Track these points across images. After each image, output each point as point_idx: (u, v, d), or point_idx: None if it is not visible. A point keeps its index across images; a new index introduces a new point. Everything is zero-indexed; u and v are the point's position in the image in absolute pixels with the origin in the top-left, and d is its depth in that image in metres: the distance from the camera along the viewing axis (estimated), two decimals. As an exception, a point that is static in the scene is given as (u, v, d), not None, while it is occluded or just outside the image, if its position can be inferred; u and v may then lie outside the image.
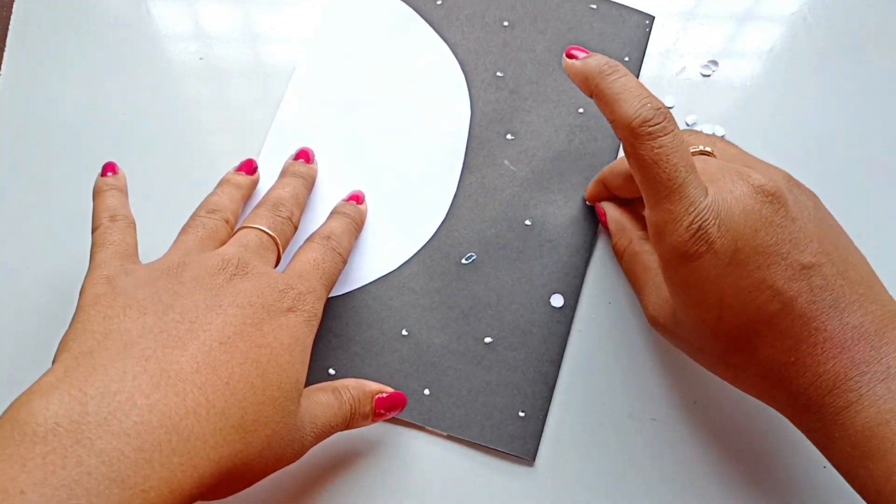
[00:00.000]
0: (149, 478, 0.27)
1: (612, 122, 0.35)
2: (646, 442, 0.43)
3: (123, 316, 0.32)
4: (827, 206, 0.38)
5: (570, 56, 0.37)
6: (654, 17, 0.52)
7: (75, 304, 0.35)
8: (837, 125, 0.50)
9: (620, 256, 0.45)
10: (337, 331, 0.44)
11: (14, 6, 0.51)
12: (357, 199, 0.46)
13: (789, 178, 0.36)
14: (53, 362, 0.31)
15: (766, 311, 0.33)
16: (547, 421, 0.43)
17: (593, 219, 0.47)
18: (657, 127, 0.34)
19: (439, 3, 0.52)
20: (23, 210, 0.47)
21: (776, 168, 0.37)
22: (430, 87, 0.50)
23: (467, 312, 0.45)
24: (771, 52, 0.52)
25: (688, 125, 0.50)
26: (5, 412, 0.28)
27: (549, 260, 0.46)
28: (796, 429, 0.43)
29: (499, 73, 0.50)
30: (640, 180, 0.35)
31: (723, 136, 0.40)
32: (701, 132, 0.40)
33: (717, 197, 0.34)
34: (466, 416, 0.43)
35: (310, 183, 0.45)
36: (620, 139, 0.35)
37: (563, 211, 0.47)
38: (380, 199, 0.47)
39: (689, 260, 0.34)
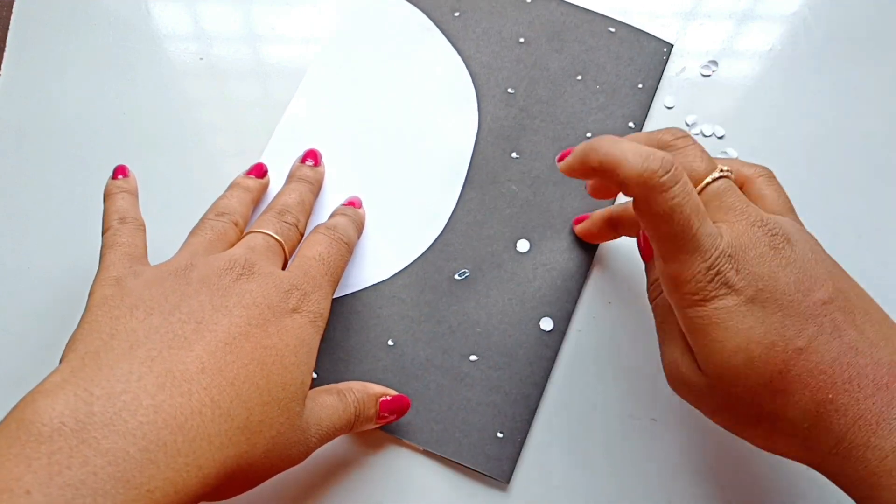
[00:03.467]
0: (154, 478, 0.27)
1: (620, 184, 0.34)
2: (646, 442, 0.43)
3: (130, 316, 0.33)
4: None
5: (562, 157, 0.36)
6: (672, 45, 0.51)
7: (78, 303, 0.35)
8: (837, 125, 0.50)
9: (653, 300, 0.42)
10: (323, 334, 0.44)
11: (14, 6, 0.51)
12: (354, 204, 0.46)
13: (795, 220, 0.36)
14: (60, 362, 0.31)
15: (793, 347, 0.32)
16: (526, 444, 0.43)
17: (591, 245, 0.46)
18: (668, 177, 0.32)
19: (457, 14, 0.52)
20: (23, 210, 0.47)
21: (782, 201, 0.37)
22: (440, 99, 0.50)
23: (455, 328, 0.45)
24: (771, 52, 0.52)
25: (687, 125, 0.50)
26: (11, 411, 0.29)
27: (543, 283, 0.45)
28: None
29: (510, 90, 0.50)
30: (654, 235, 0.34)
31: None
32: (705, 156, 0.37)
33: (732, 240, 0.33)
34: (444, 431, 0.42)
35: (316, 188, 0.45)
36: (632, 196, 0.34)
37: (561, 235, 0.46)
38: (379, 207, 0.47)
39: (709, 304, 0.33)
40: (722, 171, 0.36)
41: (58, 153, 0.48)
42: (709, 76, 0.51)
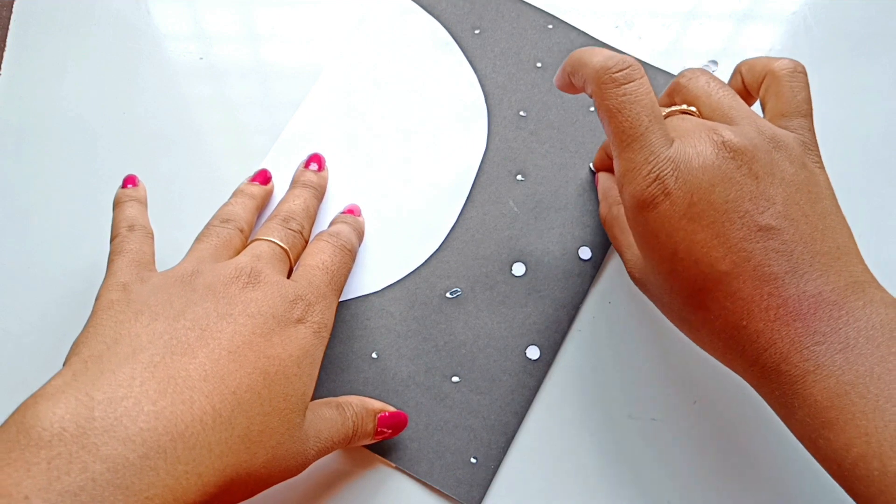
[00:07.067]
0: (153, 485, 0.28)
1: (584, 85, 0.36)
2: (646, 442, 0.43)
3: (135, 321, 0.33)
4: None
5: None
6: None
7: (79, 304, 0.35)
8: (837, 125, 0.50)
9: (604, 221, 0.45)
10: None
11: (14, 6, 0.51)
12: (353, 212, 0.46)
13: (775, 136, 0.35)
14: (64, 366, 0.31)
15: (717, 269, 0.33)
16: (502, 471, 0.42)
17: (587, 275, 0.46)
18: (621, 74, 0.34)
19: (477, 32, 0.52)
20: (23, 210, 0.47)
21: (765, 123, 0.35)
22: (451, 114, 0.50)
23: (441, 347, 0.44)
24: (771, 52, 0.52)
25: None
26: (12, 415, 0.29)
27: (534, 310, 0.45)
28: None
29: (522, 113, 0.50)
30: (607, 131, 0.35)
31: (718, 76, 0.40)
32: (698, 83, 0.39)
33: (680, 149, 0.34)
34: (418, 451, 0.42)
35: (321, 193, 0.45)
36: (592, 97, 0.36)
37: (558, 263, 0.46)
38: (378, 218, 0.47)
39: (647, 209, 0.34)
40: (685, 108, 0.38)
41: (58, 153, 0.48)
42: (709, 76, 0.51)
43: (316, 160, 0.46)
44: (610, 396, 0.44)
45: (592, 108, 0.50)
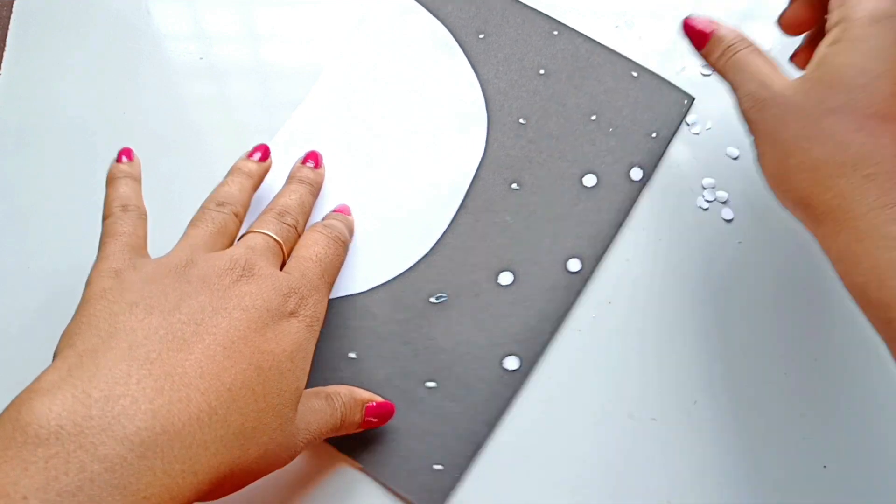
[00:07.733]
0: (151, 485, 0.27)
1: None
2: (646, 442, 0.43)
3: (129, 314, 0.32)
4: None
5: None
6: (693, 98, 0.50)
7: (76, 302, 0.34)
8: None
9: (723, 63, 0.41)
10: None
11: (14, 6, 0.51)
12: (343, 212, 0.46)
13: None
14: (55, 356, 0.31)
15: None
16: (466, 480, 0.42)
17: (573, 288, 0.45)
18: None
19: (481, 37, 0.51)
20: (23, 210, 0.47)
21: None
22: (450, 118, 0.50)
23: (419, 351, 0.44)
24: (771, 52, 0.51)
25: (688, 125, 0.50)
26: (6, 410, 0.28)
27: (517, 320, 0.44)
28: (795, 429, 0.43)
29: (522, 120, 0.49)
30: None
31: None
32: None
33: None
34: (384, 453, 0.42)
35: (316, 189, 0.45)
36: None
37: (546, 274, 0.46)
38: (370, 218, 0.47)
39: (880, 24, 0.34)
40: None
41: (58, 153, 0.48)
42: (709, 75, 0.51)
43: (313, 157, 0.46)
44: (610, 396, 0.44)
45: (594, 117, 0.49)
